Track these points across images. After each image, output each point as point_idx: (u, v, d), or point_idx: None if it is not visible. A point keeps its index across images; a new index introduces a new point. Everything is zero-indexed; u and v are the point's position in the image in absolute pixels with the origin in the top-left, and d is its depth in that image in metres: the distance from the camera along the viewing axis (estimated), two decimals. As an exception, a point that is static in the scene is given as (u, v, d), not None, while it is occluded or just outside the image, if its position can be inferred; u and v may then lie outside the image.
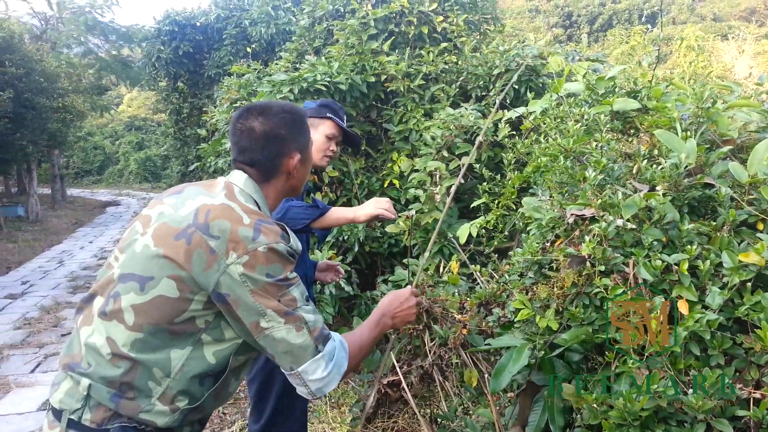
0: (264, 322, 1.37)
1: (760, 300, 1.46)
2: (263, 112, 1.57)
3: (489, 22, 5.90)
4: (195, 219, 1.39)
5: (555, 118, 2.30)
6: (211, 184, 1.55)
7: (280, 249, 1.39)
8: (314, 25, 6.22)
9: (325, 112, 2.63)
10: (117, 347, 1.36)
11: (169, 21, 11.61)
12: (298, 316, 1.40)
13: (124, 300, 1.38)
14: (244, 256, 1.35)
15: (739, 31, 25.86)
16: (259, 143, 1.55)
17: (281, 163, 1.58)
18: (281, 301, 1.38)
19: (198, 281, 1.35)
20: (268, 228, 1.41)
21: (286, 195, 1.68)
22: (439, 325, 2.67)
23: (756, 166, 1.72)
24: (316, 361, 1.42)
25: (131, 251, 1.44)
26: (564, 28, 43.59)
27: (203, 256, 1.35)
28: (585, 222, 1.87)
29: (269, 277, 1.36)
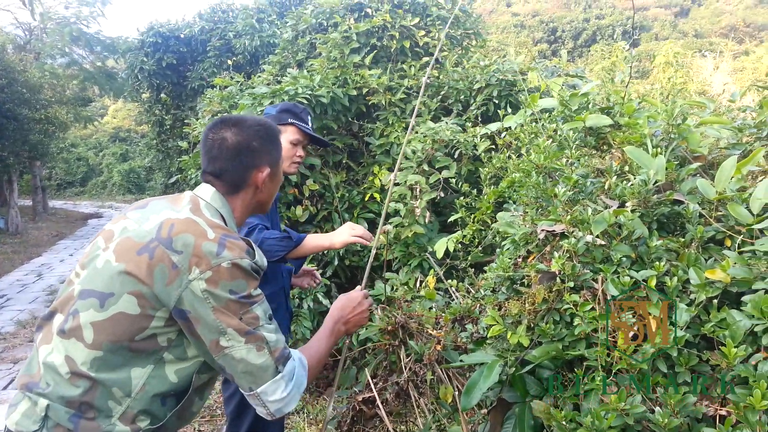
0: (224, 340, 1.35)
1: (725, 317, 1.46)
2: (237, 123, 1.56)
3: (471, 38, 5.95)
4: (158, 233, 1.37)
5: (529, 134, 2.31)
6: (177, 198, 1.53)
7: (244, 265, 1.37)
8: (297, 38, 6.23)
9: (286, 117, 2.58)
10: (76, 366, 1.33)
11: (152, 32, 11.55)
12: (259, 335, 1.37)
13: (83, 317, 1.35)
14: (207, 272, 1.32)
15: (718, 47, 26.36)
16: (230, 153, 1.53)
17: (250, 175, 1.56)
18: (243, 319, 1.35)
19: (159, 297, 1.33)
20: (233, 243, 1.38)
21: (253, 210, 1.65)
22: (415, 340, 2.65)
23: (723, 182, 1.74)
24: (275, 381, 1.40)
25: (92, 267, 1.41)
26: (549, 43, 44.17)
27: (165, 271, 1.32)
28: (556, 238, 1.87)
29: (232, 294, 1.34)
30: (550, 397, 1.75)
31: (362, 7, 5.70)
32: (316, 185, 4.61)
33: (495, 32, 42.88)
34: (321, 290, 4.09)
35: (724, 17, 46.79)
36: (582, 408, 1.58)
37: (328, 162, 4.88)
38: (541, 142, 2.08)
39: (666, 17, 49.25)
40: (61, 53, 20.15)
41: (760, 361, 1.37)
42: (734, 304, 1.52)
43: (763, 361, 1.36)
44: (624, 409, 1.41)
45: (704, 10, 50.82)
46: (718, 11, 49.02)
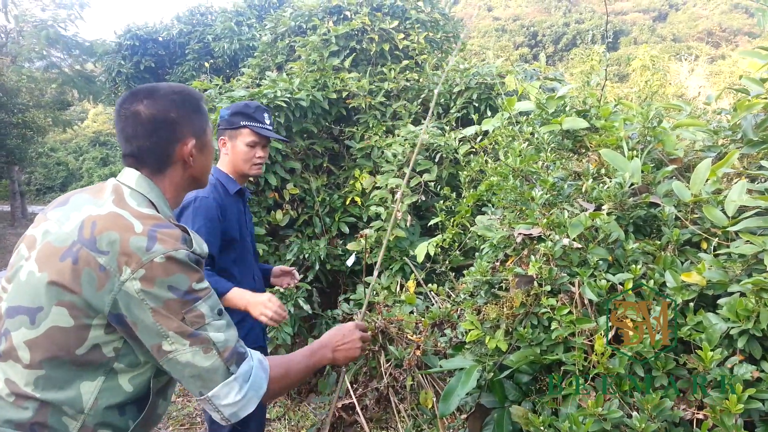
0: (167, 344, 1.23)
1: (701, 320, 1.46)
2: (149, 94, 1.38)
3: (451, 41, 5.95)
4: (80, 234, 1.23)
5: (506, 137, 2.30)
6: (99, 188, 1.38)
7: (180, 257, 1.23)
8: (276, 41, 6.18)
9: (238, 121, 2.52)
10: (18, 388, 1.22)
11: (130, 35, 11.42)
12: (204, 337, 1.25)
13: (15, 337, 1.23)
14: (139, 270, 1.19)
15: (695, 51, 26.78)
16: (146, 129, 1.36)
17: (173, 150, 1.39)
18: (186, 319, 1.23)
19: (92, 304, 1.20)
20: (165, 233, 1.25)
21: (188, 187, 1.49)
22: (395, 345, 2.63)
23: (698, 185, 1.74)
24: (228, 384, 1.28)
25: (17, 280, 1.28)
26: (530, 47, 44.55)
27: (93, 275, 1.20)
28: (533, 241, 1.86)
29: (171, 292, 1.21)
30: (528, 402, 1.73)
31: (341, 10, 5.68)
32: (296, 189, 4.57)
33: (476, 36, 43.16)
34: (302, 295, 4.04)
35: (700, 22, 47.60)
36: (560, 413, 1.57)
37: (308, 166, 4.84)
38: (517, 145, 2.07)
39: (644, 22, 49.95)
40: (38, 56, 19.83)
41: (736, 365, 1.37)
42: (710, 308, 1.52)
43: (739, 365, 1.36)
44: (601, 413, 1.40)
45: (681, 14, 51.66)
46: (695, 16, 49.87)
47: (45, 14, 20.03)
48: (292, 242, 4.53)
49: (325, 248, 4.44)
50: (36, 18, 19.90)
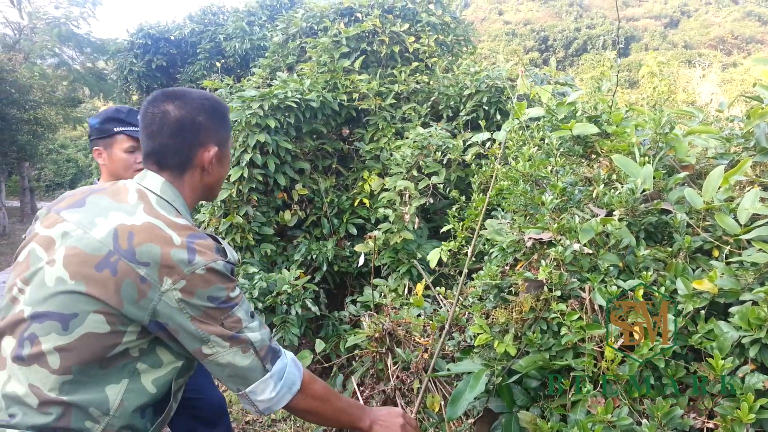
0: (207, 348, 1.28)
1: (713, 328, 1.45)
2: (181, 96, 1.40)
3: (461, 44, 5.96)
4: (116, 244, 1.23)
5: (517, 142, 2.30)
6: (117, 190, 1.36)
7: (218, 268, 1.27)
8: (288, 42, 6.21)
9: (111, 128, 2.37)
10: (44, 394, 1.21)
11: (142, 34, 11.48)
12: (243, 338, 1.30)
13: (44, 343, 1.21)
14: (180, 281, 1.22)
15: (707, 58, 26.67)
16: (172, 128, 1.37)
17: (195, 154, 1.40)
18: (225, 324, 1.28)
19: (130, 314, 1.22)
20: (202, 245, 1.27)
21: (203, 196, 1.49)
22: (402, 348, 2.63)
23: (711, 192, 1.73)
24: (264, 381, 1.34)
25: (39, 284, 1.25)
26: (540, 51, 44.46)
27: (134, 287, 1.21)
28: (543, 246, 1.86)
29: (210, 301, 1.26)
30: (536, 407, 1.73)
31: (352, 12, 5.70)
32: (305, 190, 4.59)
33: (486, 40, 43.14)
34: (309, 296, 4.05)
35: (712, 29, 47.36)
36: (569, 419, 1.56)
37: (317, 167, 4.86)
38: (527, 150, 2.07)
39: (656, 28, 49.77)
40: (50, 54, 19.99)
41: (748, 374, 1.36)
42: (722, 315, 1.51)
43: (751, 374, 1.35)
44: (611, 420, 1.40)
45: (693, 21, 51.43)
46: (707, 23, 49.63)
47: (58, 12, 20.19)
48: (300, 243, 4.54)
49: (333, 249, 4.45)
50: (49, 15, 20.07)
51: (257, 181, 4.36)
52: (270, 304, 3.89)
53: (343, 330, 4.05)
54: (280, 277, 4.05)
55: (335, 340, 3.89)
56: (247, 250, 4.39)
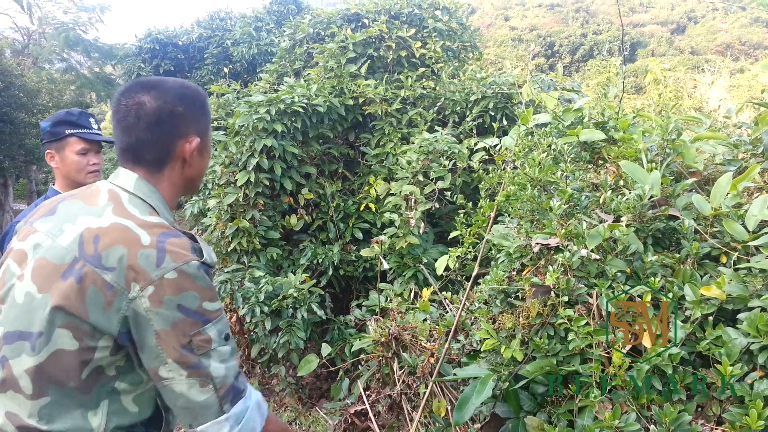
0: (164, 370, 1.13)
1: (721, 334, 1.45)
2: (157, 86, 1.27)
3: (468, 50, 5.97)
4: (81, 249, 1.13)
5: (524, 148, 2.30)
6: (90, 194, 1.25)
7: (191, 270, 1.13)
8: (295, 47, 6.24)
9: (62, 130, 2.35)
10: (22, 421, 1.13)
11: (150, 39, 11.56)
12: (204, 371, 1.14)
13: (15, 366, 1.13)
14: (148, 287, 1.10)
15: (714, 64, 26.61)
16: (149, 120, 1.24)
17: (175, 146, 1.28)
18: (193, 342, 1.13)
19: (98, 326, 1.11)
20: (174, 243, 1.15)
21: (184, 190, 1.36)
22: (409, 352, 2.63)
23: (719, 198, 1.73)
24: (218, 423, 1.17)
25: (11, 302, 1.17)
26: (546, 57, 44.47)
27: (99, 295, 1.10)
28: (550, 251, 1.86)
29: (181, 312, 1.11)
30: (543, 412, 1.73)
31: (359, 18, 5.72)
32: (311, 194, 4.60)
33: (492, 46, 43.20)
34: (315, 300, 4.05)
35: (719, 35, 47.27)
36: (576, 424, 1.56)
37: (323, 171, 4.87)
38: (535, 155, 2.07)
39: (662, 34, 49.73)
40: (59, 58, 20.14)
41: (756, 380, 1.36)
42: (730, 322, 1.51)
43: (760, 380, 1.35)
44: (618, 426, 1.40)
45: (700, 27, 51.35)
46: (714, 29, 49.56)
47: (67, 17, 20.35)
48: (306, 247, 4.55)
49: (339, 253, 4.46)
50: (58, 20, 20.23)
51: (264, 186, 4.38)
52: (276, 307, 3.90)
53: (349, 334, 4.05)
54: (286, 281, 4.06)
55: (341, 344, 3.89)
56: (254, 254, 4.41)
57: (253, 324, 3.94)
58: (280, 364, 4.04)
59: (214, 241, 4.67)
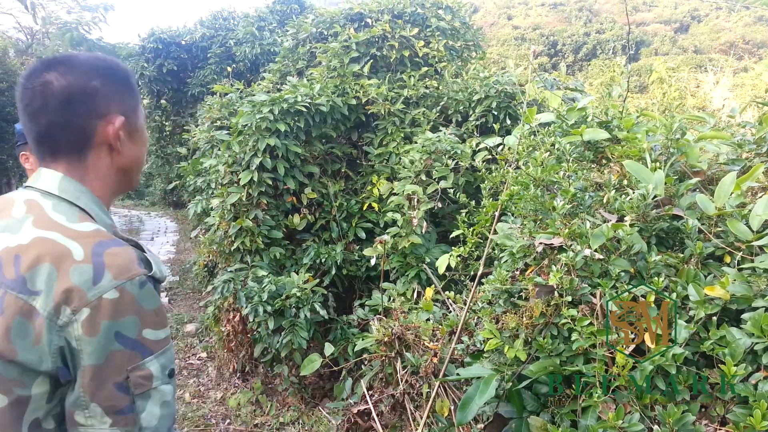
0: (81, 416, 0.91)
1: (725, 335, 1.45)
2: (64, 62, 1.06)
3: (471, 49, 5.96)
4: (0, 275, 0.94)
5: (527, 147, 2.30)
6: (3, 206, 1.04)
7: (135, 290, 0.94)
8: (298, 46, 6.24)
9: None
10: None
11: (153, 39, 11.60)
12: (131, 418, 0.93)
13: None
14: (82, 310, 0.90)
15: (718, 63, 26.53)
16: (59, 100, 1.03)
17: (94, 129, 1.06)
18: (130, 379, 0.92)
19: (29, 365, 0.90)
20: (114, 254, 0.95)
21: (117, 185, 1.13)
22: (412, 352, 2.63)
23: (723, 198, 1.73)
24: None
25: None
26: (549, 56, 44.39)
27: (25, 325, 0.90)
28: (554, 251, 1.86)
29: (118, 340, 0.91)
30: (547, 412, 1.72)
31: (362, 17, 5.72)
32: (314, 194, 4.60)
33: (495, 45, 43.15)
34: (318, 300, 4.06)
35: (723, 34, 47.12)
36: (579, 424, 1.56)
37: (326, 171, 4.87)
38: (538, 155, 2.07)
39: (666, 33, 49.59)
40: (62, 58, 20.15)
41: (761, 381, 1.35)
42: (734, 322, 1.51)
43: (764, 381, 1.34)
44: (622, 426, 1.39)
45: (703, 26, 51.20)
46: (718, 28, 49.41)
47: (70, 17, 20.40)
48: (309, 246, 4.55)
49: (342, 253, 4.46)
50: (61, 20, 20.29)
51: (267, 185, 4.38)
52: (279, 307, 3.91)
53: (352, 334, 4.06)
54: (289, 281, 4.06)
55: (344, 343, 3.89)
56: (257, 254, 4.42)
57: (256, 323, 3.95)
58: (282, 363, 4.04)
59: (217, 241, 4.68)
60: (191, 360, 5.23)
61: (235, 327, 4.17)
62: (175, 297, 7.54)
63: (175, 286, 8.00)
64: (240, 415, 4.04)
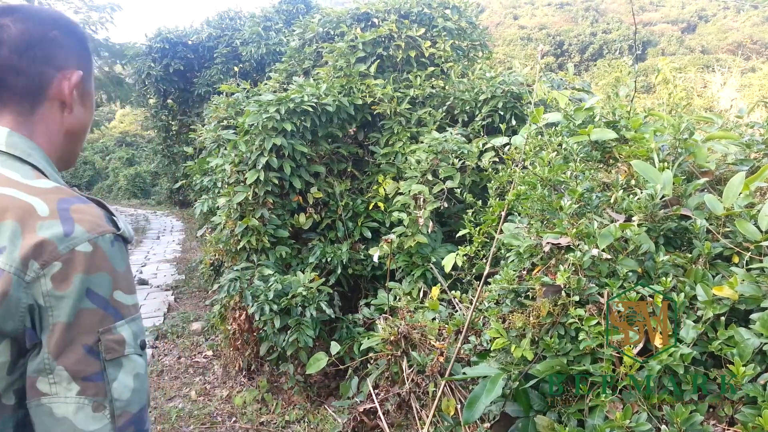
0: (44, 383, 0.82)
1: (733, 335, 1.44)
2: (21, 9, 0.99)
3: (477, 49, 5.96)
4: None
5: (534, 147, 2.30)
6: None
7: (107, 247, 0.87)
8: (304, 46, 6.25)
9: None
10: None
11: (160, 39, 11.67)
12: (103, 387, 0.84)
13: None
14: (53, 264, 0.82)
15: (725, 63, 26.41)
16: (16, 43, 0.95)
17: (50, 80, 0.99)
18: (101, 342, 0.84)
19: None
20: (83, 210, 0.88)
21: (61, 150, 1.05)
22: (418, 351, 2.63)
23: (731, 198, 1.72)
24: None
25: None
26: (555, 56, 44.28)
27: None
28: (561, 251, 1.86)
29: (90, 298, 0.84)
30: (554, 412, 1.73)
31: (369, 17, 5.72)
32: (320, 193, 4.61)
33: (501, 45, 43.09)
34: (324, 299, 4.07)
35: (730, 34, 46.88)
36: (586, 424, 1.56)
37: (332, 170, 4.88)
38: (545, 155, 2.07)
39: (673, 33, 49.39)
40: (69, 58, 20.24)
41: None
42: (742, 322, 1.51)
43: (772, 381, 1.34)
44: (629, 426, 1.39)
45: (711, 26, 50.96)
46: (725, 28, 49.16)
47: (77, 17, 20.47)
48: (315, 246, 4.56)
49: (348, 252, 4.46)
50: (69, 20, 20.34)
51: (273, 184, 4.40)
52: (285, 305, 3.92)
53: (357, 333, 4.06)
54: (294, 280, 4.07)
55: (349, 342, 3.90)
56: (263, 253, 4.43)
57: (262, 322, 3.96)
58: (288, 362, 4.05)
59: (223, 239, 4.70)
60: (197, 358, 5.25)
61: (241, 325, 4.18)
62: (182, 295, 7.57)
63: (181, 285, 8.03)
64: (246, 413, 4.06)
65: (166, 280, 8.39)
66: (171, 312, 6.77)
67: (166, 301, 7.12)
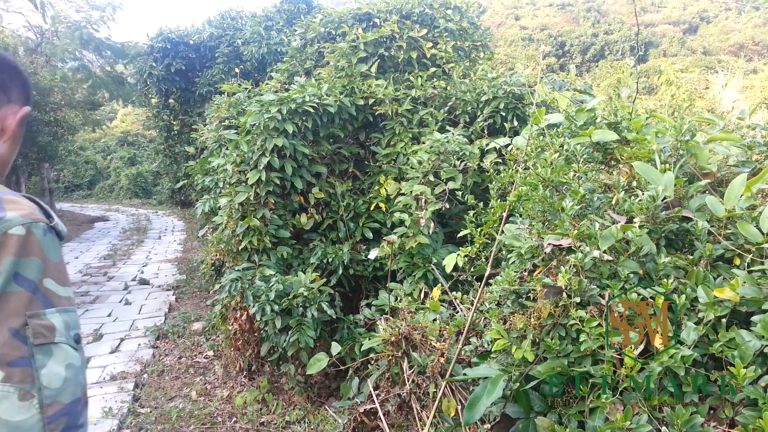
0: None
1: (734, 337, 1.44)
2: None
3: (479, 50, 5.96)
4: None
5: (536, 148, 2.30)
6: None
7: (39, 234, 0.87)
8: (306, 46, 6.25)
9: None
10: None
11: (162, 38, 11.69)
12: (31, 373, 0.80)
13: None
14: None
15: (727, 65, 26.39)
16: None
17: None
18: (29, 326, 0.82)
19: None
20: (13, 200, 0.90)
21: None
22: (418, 352, 2.63)
23: (733, 200, 1.72)
24: None
25: None
26: (557, 57, 44.25)
27: None
28: (562, 252, 1.86)
29: (17, 282, 0.82)
30: (554, 413, 1.73)
31: (370, 18, 5.73)
32: (321, 193, 4.61)
33: (503, 45, 43.08)
34: (325, 299, 4.07)
35: (732, 35, 46.82)
36: (587, 425, 1.56)
37: (334, 171, 4.88)
38: (547, 156, 2.07)
39: (674, 34, 49.32)
40: (71, 57, 20.30)
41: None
42: (743, 324, 1.51)
43: (773, 383, 1.34)
44: (630, 428, 1.39)
45: (713, 27, 50.89)
46: (727, 29, 49.10)
47: (79, 15, 20.50)
48: (316, 246, 4.56)
49: (349, 253, 4.47)
50: (70, 19, 20.39)
51: (274, 185, 4.40)
52: (286, 306, 3.92)
53: (358, 333, 4.07)
54: (296, 280, 4.08)
55: (350, 343, 3.90)
56: (264, 253, 4.43)
57: (263, 322, 3.97)
58: (289, 362, 4.05)
59: (224, 240, 4.70)
60: (198, 358, 5.25)
61: (242, 326, 4.18)
62: (183, 295, 7.58)
63: (182, 285, 8.04)
64: (246, 414, 4.06)
65: (167, 280, 8.40)
66: (172, 312, 6.77)
67: (167, 301, 7.13)
